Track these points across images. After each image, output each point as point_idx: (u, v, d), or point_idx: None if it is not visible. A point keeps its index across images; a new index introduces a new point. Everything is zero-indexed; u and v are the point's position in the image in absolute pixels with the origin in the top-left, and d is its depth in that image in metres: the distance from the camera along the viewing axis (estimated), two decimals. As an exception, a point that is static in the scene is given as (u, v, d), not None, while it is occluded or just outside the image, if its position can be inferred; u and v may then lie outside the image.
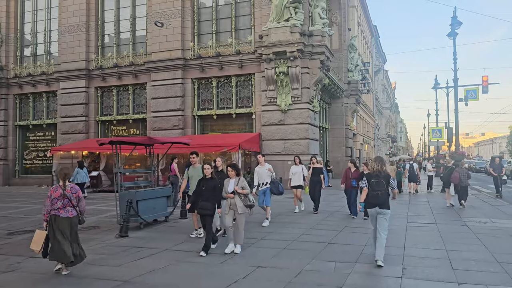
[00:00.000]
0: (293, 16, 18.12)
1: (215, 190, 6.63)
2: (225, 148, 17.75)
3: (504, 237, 7.72)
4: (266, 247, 6.88)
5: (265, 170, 9.28)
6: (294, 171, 10.91)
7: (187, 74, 20.78)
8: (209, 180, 6.72)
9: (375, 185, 5.92)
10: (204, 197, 6.61)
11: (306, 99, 18.57)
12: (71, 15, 23.12)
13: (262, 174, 9.28)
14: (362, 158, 33.77)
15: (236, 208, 6.55)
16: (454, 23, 18.50)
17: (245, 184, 6.63)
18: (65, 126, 23.07)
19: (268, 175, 9.26)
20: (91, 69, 22.66)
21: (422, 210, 11.85)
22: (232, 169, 6.74)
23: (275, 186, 9.21)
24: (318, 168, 11.12)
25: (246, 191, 6.59)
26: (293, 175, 10.92)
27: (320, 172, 11.01)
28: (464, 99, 20.67)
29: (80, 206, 5.67)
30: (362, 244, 6.96)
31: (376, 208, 5.88)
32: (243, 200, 6.59)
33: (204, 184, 6.71)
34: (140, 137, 14.34)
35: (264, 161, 9.52)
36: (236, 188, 6.54)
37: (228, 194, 6.60)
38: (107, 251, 6.66)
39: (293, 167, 11.03)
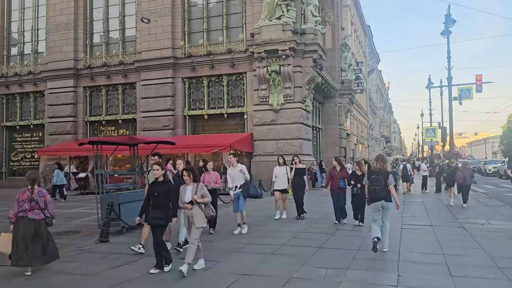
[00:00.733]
0: (285, 14, 17.78)
1: (169, 196, 5.52)
2: (216, 149, 17.39)
3: (502, 239, 7.41)
4: (252, 253, 6.50)
5: (237, 171, 8.29)
6: (277, 172, 9.90)
7: (177, 73, 20.37)
8: (162, 184, 5.60)
9: (374, 180, 6.48)
10: (156, 204, 5.50)
11: (299, 99, 18.23)
12: (59, 13, 22.61)
13: (235, 176, 8.33)
14: (356, 158, 33.52)
15: (193, 220, 5.47)
16: (448, 21, 18.28)
17: (205, 191, 5.55)
18: (52, 127, 22.54)
19: (241, 177, 8.26)
20: (79, 68, 22.16)
21: (417, 211, 11.54)
22: (188, 173, 5.56)
23: (245, 189, 8.18)
24: (301, 169, 10.11)
25: (207, 200, 5.52)
26: (276, 177, 9.90)
27: (303, 173, 10.12)
28: (458, 98, 20.48)
29: (48, 209, 5.78)
30: (355, 249, 6.61)
31: (382, 201, 6.44)
32: (203, 210, 5.48)
33: (155, 188, 5.58)
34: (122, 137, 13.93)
35: (237, 162, 8.50)
36: (194, 197, 5.44)
37: (185, 205, 5.48)
38: (83, 258, 6.25)
39: (277, 168, 10.01)
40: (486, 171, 34.79)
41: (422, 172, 18.84)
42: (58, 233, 8.28)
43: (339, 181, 9.02)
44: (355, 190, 8.72)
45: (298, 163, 10.10)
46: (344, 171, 9.28)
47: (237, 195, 8.26)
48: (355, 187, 8.73)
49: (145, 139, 10.11)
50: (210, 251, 6.62)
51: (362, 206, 8.70)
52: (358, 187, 8.54)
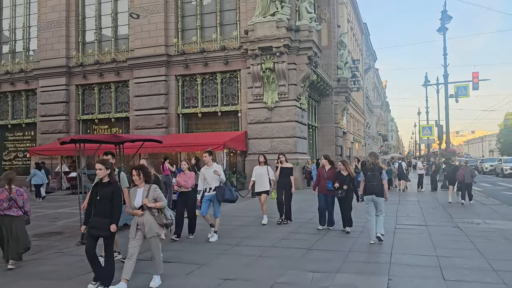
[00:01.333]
0: (279, 10, 17.50)
1: (113, 200, 4.67)
2: (210, 147, 17.05)
3: (498, 240, 7.18)
4: (239, 255, 6.25)
5: (212, 172, 7.31)
6: (257, 173, 8.98)
7: (170, 71, 20.08)
8: (106, 186, 4.74)
9: (371, 177, 7.06)
10: (98, 210, 4.68)
11: (293, 96, 17.97)
12: (51, 10, 22.28)
13: (208, 177, 7.37)
14: (352, 157, 33.30)
15: (144, 229, 4.73)
16: (444, 17, 18.04)
17: (158, 194, 4.82)
18: (45, 126, 22.23)
19: (215, 179, 7.32)
20: (71, 66, 21.84)
21: (412, 210, 11.32)
22: (137, 173, 4.81)
23: (220, 193, 7.25)
24: (287, 169, 9.06)
25: (161, 204, 4.78)
26: (255, 178, 8.99)
27: (290, 173, 9.03)
28: (455, 95, 20.24)
29: (25, 207, 6.06)
30: (346, 250, 6.37)
31: (373, 195, 7.05)
32: (156, 217, 4.74)
33: (98, 191, 4.75)
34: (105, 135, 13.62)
35: (212, 161, 7.58)
36: (145, 201, 4.69)
37: (135, 210, 4.76)
38: (61, 262, 5.98)
39: (256, 168, 9.09)
40: (483, 169, 34.69)
41: (418, 170, 18.66)
42: (40, 235, 8.02)
43: (328, 182, 7.99)
44: (339, 193, 7.80)
45: (284, 162, 9.13)
46: (334, 171, 8.20)
47: (210, 198, 7.42)
48: (339, 189, 7.78)
49: (129, 137, 9.84)
50: (195, 253, 6.38)
51: (348, 210, 7.95)
52: (344, 190, 7.76)
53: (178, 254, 6.31)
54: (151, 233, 4.76)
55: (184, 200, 7.53)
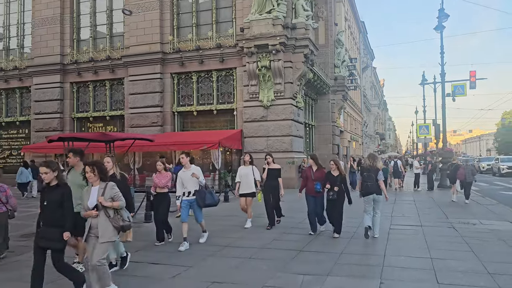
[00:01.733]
0: (275, 8, 17.35)
1: (63, 204, 4.16)
2: (205, 146, 16.95)
3: (494, 241, 7.04)
4: (228, 257, 6.10)
5: (190, 174, 6.77)
6: (241, 173, 8.41)
7: (166, 69, 19.91)
8: (55, 190, 4.22)
9: (367, 177, 7.32)
10: (46, 218, 4.18)
11: (289, 95, 17.83)
12: (45, 7, 22.07)
13: (186, 180, 6.81)
14: (349, 156, 33.18)
15: (97, 232, 4.20)
16: (441, 15, 17.90)
17: (116, 193, 4.30)
18: (39, 124, 22.03)
19: (194, 182, 6.79)
20: (66, 64, 21.65)
21: (407, 210, 11.20)
22: (91, 169, 4.27)
23: (200, 198, 6.75)
24: (275, 170, 8.49)
25: (118, 204, 4.27)
26: (240, 178, 8.43)
27: (278, 175, 8.47)
28: (452, 94, 20.14)
29: (10, 203, 6.14)
30: (338, 252, 6.23)
31: (373, 195, 7.30)
32: (112, 219, 4.21)
33: (45, 196, 4.24)
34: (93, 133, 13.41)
35: (190, 163, 6.94)
36: (100, 200, 4.18)
37: (88, 212, 4.24)
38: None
39: (241, 168, 8.54)
40: (480, 169, 34.62)
41: (415, 169, 18.54)
42: (27, 235, 7.85)
43: (315, 183, 7.47)
44: (331, 195, 7.38)
45: (272, 163, 8.53)
46: (321, 172, 7.70)
47: (189, 203, 6.83)
48: (331, 191, 7.37)
49: (119, 136, 9.66)
50: (184, 255, 6.23)
51: (339, 214, 7.46)
52: (335, 191, 7.34)
53: (165, 256, 6.16)
54: (104, 237, 4.17)
55: (159, 201, 7.15)
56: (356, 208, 8.14)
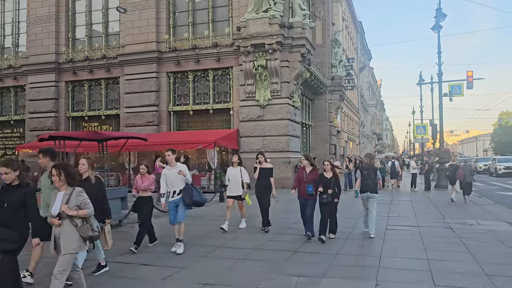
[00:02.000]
0: (272, 7, 17.26)
1: (26, 206, 3.93)
2: (200, 145, 16.85)
3: (491, 242, 6.96)
4: (222, 258, 5.98)
5: (176, 173, 6.43)
6: (230, 174, 8.13)
7: (162, 68, 19.76)
8: (16, 190, 3.96)
9: (366, 176, 7.53)
10: (4, 219, 3.89)
11: (286, 94, 17.73)
12: (40, 5, 21.88)
13: (172, 178, 6.46)
14: (347, 156, 33.12)
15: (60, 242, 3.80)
16: (438, 15, 17.83)
17: (83, 200, 3.90)
18: (33, 123, 21.84)
19: (180, 180, 6.43)
20: (61, 62, 21.47)
21: (404, 210, 11.11)
22: (58, 172, 3.87)
23: (187, 194, 6.37)
24: (267, 169, 8.16)
25: (85, 213, 3.86)
26: (229, 181, 8.12)
27: (270, 175, 8.12)
28: (449, 94, 20.08)
29: None
30: (333, 253, 6.12)
31: (367, 193, 7.50)
32: (79, 228, 3.82)
33: (4, 197, 3.95)
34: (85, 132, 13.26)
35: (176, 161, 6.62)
36: (63, 208, 3.77)
37: (51, 219, 3.85)
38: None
39: (230, 170, 8.24)
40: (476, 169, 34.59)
41: (412, 169, 18.48)
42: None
43: (308, 185, 7.06)
44: (324, 198, 6.98)
45: (264, 162, 8.18)
46: (315, 173, 7.28)
47: (175, 203, 6.46)
48: (324, 194, 6.99)
49: (111, 134, 9.52)
50: (176, 256, 6.11)
51: (333, 216, 7.19)
52: (328, 194, 6.96)
53: (157, 256, 6.04)
54: (66, 248, 3.76)
55: (142, 205, 6.71)
56: (351, 209, 8.06)
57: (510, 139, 75.64)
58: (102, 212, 4.86)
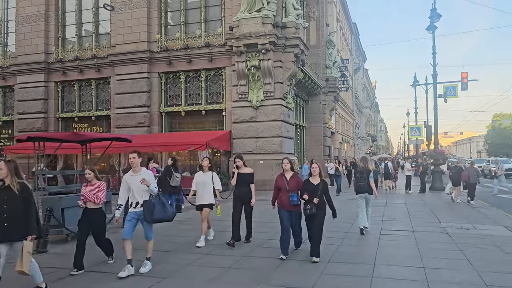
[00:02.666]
0: (265, 6, 16.98)
1: None
2: (192, 147, 16.52)
3: (489, 248, 6.70)
4: (208, 266, 5.67)
5: (138, 180, 5.32)
6: (198, 180, 7.06)
7: (153, 68, 19.42)
8: None
9: (360, 178, 8.06)
10: None
11: (279, 95, 17.45)
12: (29, 4, 21.46)
13: (135, 187, 5.41)
14: (341, 157, 32.94)
15: None
16: (433, 15, 17.66)
17: None
18: (22, 124, 21.39)
19: (143, 190, 5.38)
20: (50, 62, 21.07)
21: (399, 213, 10.85)
22: None
23: (147, 210, 5.28)
24: (246, 175, 7.03)
25: None
26: (196, 187, 7.08)
27: (250, 181, 7.01)
28: (443, 95, 19.92)
29: None
30: (325, 261, 5.83)
31: (365, 194, 8.06)
32: None
33: None
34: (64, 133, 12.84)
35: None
36: None
37: None
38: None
39: (198, 175, 7.16)
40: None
41: (406, 171, 18.25)
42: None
43: (291, 194, 6.02)
44: (308, 209, 5.85)
45: (243, 167, 7.04)
46: (297, 179, 6.26)
47: (137, 215, 5.40)
48: (308, 203, 5.88)
49: (92, 135, 9.17)
50: (159, 264, 5.78)
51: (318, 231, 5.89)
52: (314, 204, 5.83)
53: (139, 264, 5.71)
54: None
55: (90, 220, 5.56)
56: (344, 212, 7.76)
57: (504, 140, 76.06)
58: (26, 226, 4.25)
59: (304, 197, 5.92)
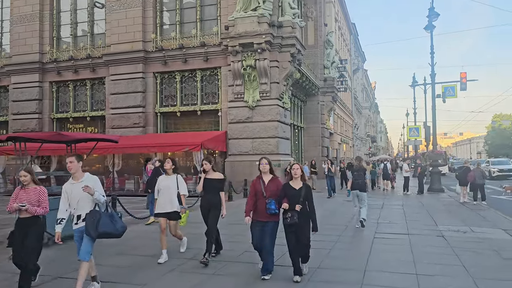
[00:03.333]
0: (261, 5, 16.76)
1: None
2: (187, 148, 16.29)
3: (487, 253, 6.45)
4: (191, 272, 5.43)
5: (81, 188, 4.36)
6: (160, 185, 6.12)
7: (148, 68, 19.21)
8: None
9: (357, 176, 8.91)
10: None
11: (276, 95, 17.22)
12: (24, 3, 21.26)
13: (75, 197, 4.48)
14: (340, 158, 32.70)
15: None
16: (431, 14, 17.44)
17: None
18: (17, 124, 21.14)
19: (87, 200, 4.45)
20: (45, 62, 20.86)
21: (395, 216, 10.60)
22: None
23: (91, 222, 4.31)
24: (215, 180, 5.96)
25: None
26: (158, 193, 6.13)
27: (220, 188, 5.98)
28: (442, 95, 19.68)
29: None
30: (315, 267, 5.59)
31: (357, 191, 8.95)
32: None
33: None
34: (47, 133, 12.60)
35: (82, 170, 4.63)
36: None
37: None
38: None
39: (161, 179, 6.22)
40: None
41: (404, 173, 17.98)
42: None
43: (268, 201, 4.92)
44: (288, 218, 4.82)
45: (211, 171, 6.00)
46: (277, 183, 5.15)
47: (82, 233, 4.42)
48: (288, 212, 4.85)
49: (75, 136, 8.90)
50: (141, 270, 5.54)
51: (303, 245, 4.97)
52: (295, 212, 4.80)
53: (119, 271, 5.47)
54: None
55: (22, 230, 4.52)
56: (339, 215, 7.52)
57: (504, 141, 75.80)
58: None
59: (284, 206, 4.87)
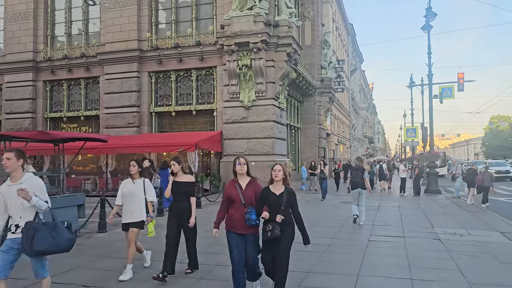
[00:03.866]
0: (257, 4, 16.58)
1: None
2: (181, 148, 16.07)
3: (484, 257, 6.28)
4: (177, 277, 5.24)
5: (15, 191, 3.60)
6: (124, 191, 5.34)
7: (143, 67, 19.00)
8: None
9: (355, 175, 9.35)
10: None
11: (271, 95, 17.04)
12: (18, 1, 21.06)
13: (12, 202, 3.73)
14: (337, 159, 32.54)
15: None
16: (428, 14, 17.31)
17: None
18: (10, 124, 20.89)
19: (24, 207, 3.71)
20: (39, 61, 20.64)
21: (391, 218, 10.43)
22: None
23: (26, 236, 3.59)
24: (185, 184, 5.23)
25: None
26: (123, 200, 5.33)
27: (190, 193, 5.23)
28: (439, 96, 19.55)
29: None
30: (306, 271, 5.40)
31: (359, 189, 9.34)
32: None
33: None
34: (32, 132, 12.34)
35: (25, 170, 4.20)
36: None
37: None
38: None
39: (125, 183, 5.43)
40: None
41: (401, 174, 17.84)
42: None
43: (247, 210, 4.16)
44: (268, 231, 4.03)
45: (181, 173, 5.26)
46: (256, 187, 4.31)
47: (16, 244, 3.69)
48: (269, 223, 4.06)
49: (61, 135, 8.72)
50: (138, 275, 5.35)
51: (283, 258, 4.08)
52: (277, 224, 4.01)
53: (103, 274, 5.26)
54: None
55: None
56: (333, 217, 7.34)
57: (501, 143, 75.86)
58: None
59: (264, 215, 4.07)
